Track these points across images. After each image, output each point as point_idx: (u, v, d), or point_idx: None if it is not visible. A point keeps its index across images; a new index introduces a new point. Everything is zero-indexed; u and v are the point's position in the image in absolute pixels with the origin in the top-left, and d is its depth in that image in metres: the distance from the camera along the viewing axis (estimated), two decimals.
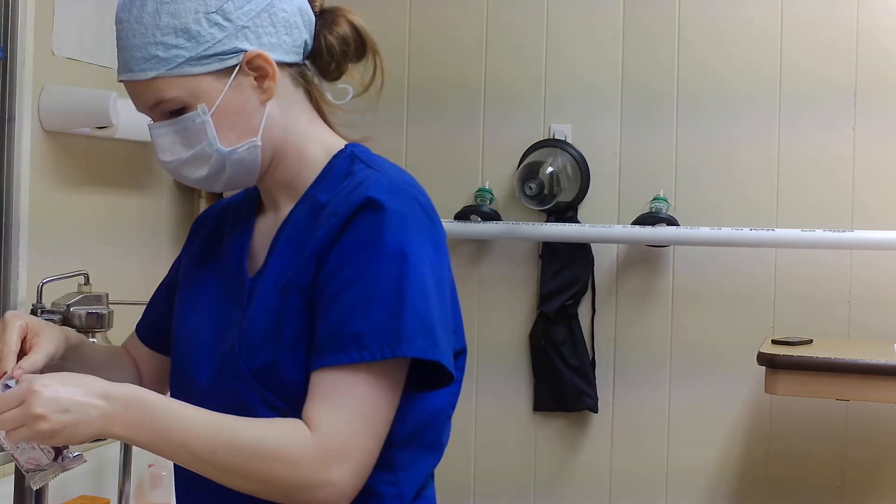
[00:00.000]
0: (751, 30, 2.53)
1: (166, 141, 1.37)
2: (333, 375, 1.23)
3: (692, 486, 2.57)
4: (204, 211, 1.56)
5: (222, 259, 1.43)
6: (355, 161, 1.38)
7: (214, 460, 1.23)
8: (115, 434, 1.24)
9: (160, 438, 1.23)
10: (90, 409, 1.22)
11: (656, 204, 2.55)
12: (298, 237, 1.34)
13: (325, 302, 1.26)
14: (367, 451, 1.24)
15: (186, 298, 1.46)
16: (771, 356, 2.08)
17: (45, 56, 2.20)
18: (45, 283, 2.08)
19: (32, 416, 1.21)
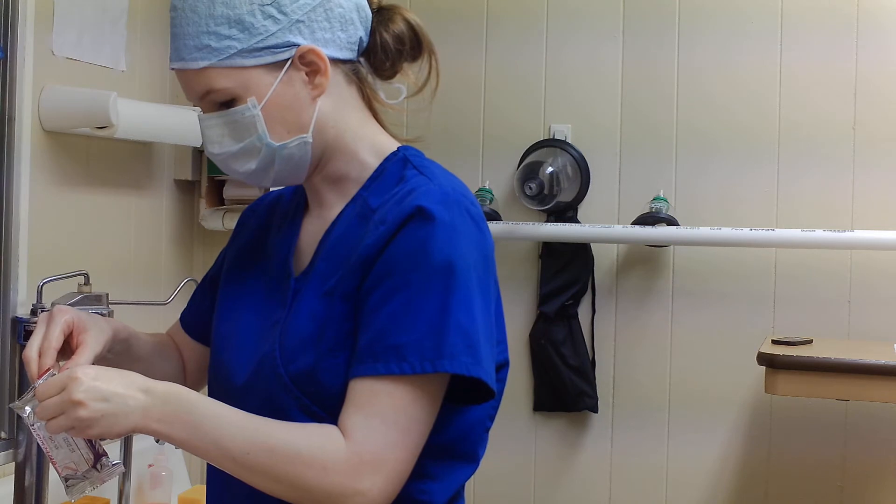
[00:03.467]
0: (751, 25, 2.54)
1: (215, 133, 1.35)
2: (371, 385, 1.23)
3: (692, 486, 2.57)
4: (252, 203, 1.53)
5: (268, 256, 1.42)
6: (407, 165, 1.38)
7: (247, 461, 1.22)
8: (151, 429, 1.24)
9: (195, 436, 1.23)
10: (129, 401, 1.22)
11: (656, 204, 2.55)
12: (347, 241, 1.33)
13: (368, 311, 1.26)
14: (401, 462, 1.23)
15: (230, 294, 1.44)
16: (771, 356, 2.08)
17: (45, 56, 2.21)
18: (45, 283, 2.08)
19: (72, 402, 1.21)
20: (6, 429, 2.07)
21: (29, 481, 2.02)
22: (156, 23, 2.63)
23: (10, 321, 2.06)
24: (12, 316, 2.07)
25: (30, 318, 2.03)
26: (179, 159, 2.73)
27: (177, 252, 2.76)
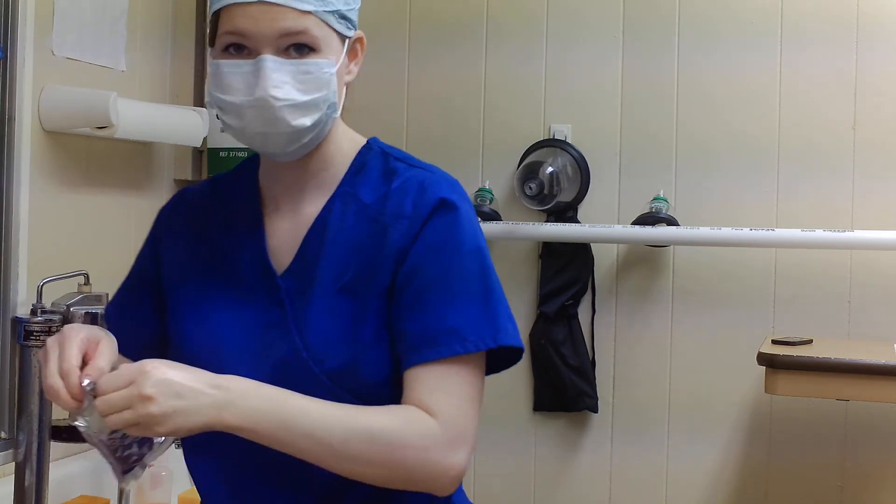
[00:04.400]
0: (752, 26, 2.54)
1: (284, 78, 1.27)
2: (439, 367, 1.27)
3: (692, 486, 2.57)
4: (168, 206, 1.46)
5: (226, 257, 1.38)
6: (389, 158, 1.38)
7: (347, 449, 1.23)
8: (226, 424, 1.20)
9: (284, 428, 1.22)
10: (202, 397, 1.19)
11: (656, 204, 2.55)
12: (349, 238, 1.33)
13: (409, 302, 1.28)
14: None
15: (195, 301, 1.38)
16: (771, 356, 2.08)
17: (45, 56, 2.21)
18: (45, 283, 2.08)
19: (141, 396, 1.16)
20: (6, 429, 2.07)
21: (29, 481, 2.02)
22: (156, 23, 2.63)
23: (10, 321, 2.06)
24: (12, 316, 2.07)
25: (30, 317, 2.03)
26: (179, 159, 2.73)
27: None
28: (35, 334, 2.02)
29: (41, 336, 2.02)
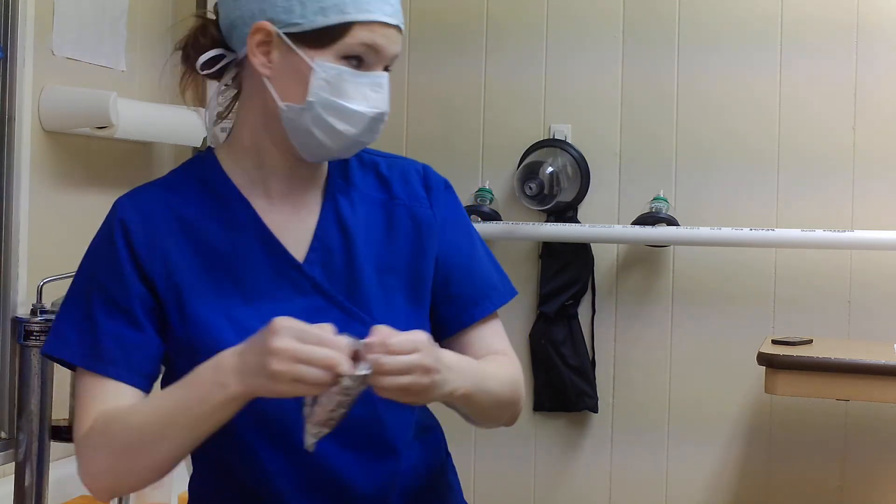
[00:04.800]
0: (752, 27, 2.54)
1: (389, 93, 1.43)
2: (492, 319, 1.48)
3: (692, 486, 2.57)
4: (126, 221, 1.40)
5: (235, 256, 1.39)
6: (360, 153, 1.49)
7: (504, 399, 1.42)
8: (461, 393, 1.31)
9: (481, 390, 1.36)
10: (447, 373, 1.28)
11: (656, 204, 2.55)
12: (368, 223, 1.45)
13: (454, 268, 1.47)
14: None
15: (211, 307, 1.37)
16: (771, 356, 2.08)
17: (45, 56, 2.21)
18: (45, 283, 2.08)
19: (424, 367, 1.23)
20: (6, 429, 2.07)
21: (29, 481, 2.02)
22: (156, 23, 2.63)
23: (10, 321, 2.06)
24: (12, 316, 2.07)
25: (30, 317, 2.03)
26: (179, 159, 2.73)
27: None
28: (35, 334, 2.02)
29: (41, 336, 2.02)
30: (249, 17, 1.40)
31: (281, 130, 1.41)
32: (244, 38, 1.41)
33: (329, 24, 1.38)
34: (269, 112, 1.41)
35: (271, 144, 1.43)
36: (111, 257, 1.38)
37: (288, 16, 1.38)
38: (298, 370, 1.20)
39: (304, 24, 1.38)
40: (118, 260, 1.37)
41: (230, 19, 1.44)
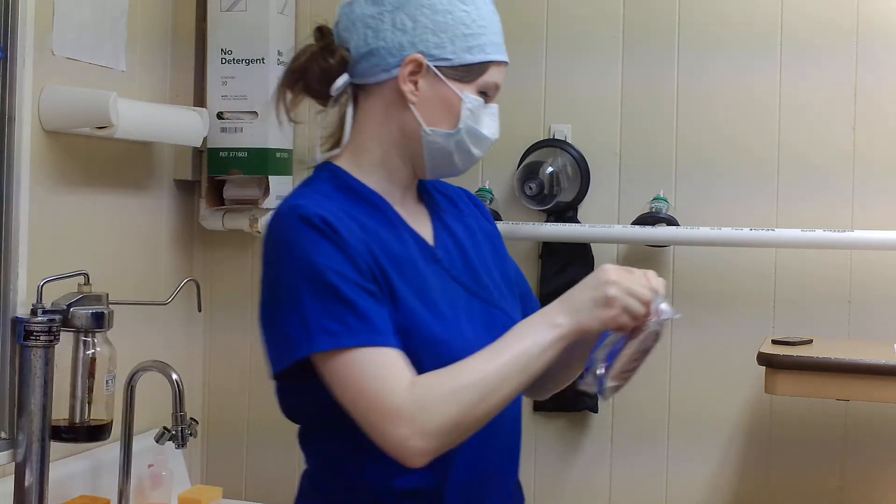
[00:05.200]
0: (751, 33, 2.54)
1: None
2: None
3: (692, 485, 2.57)
4: (322, 212, 1.49)
5: (407, 258, 1.54)
6: None
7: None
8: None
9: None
10: None
11: (656, 204, 2.55)
12: (462, 225, 1.69)
13: (514, 270, 1.75)
14: None
15: (406, 293, 1.50)
16: (771, 356, 2.08)
17: (45, 56, 2.21)
18: (45, 283, 2.08)
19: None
20: (6, 429, 2.07)
21: (29, 481, 2.02)
22: (156, 23, 2.64)
23: (10, 321, 2.06)
24: (12, 316, 2.07)
25: (30, 317, 2.03)
26: (179, 159, 2.73)
27: (177, 252, 2.76)
28: (35, 334, 2.02)
29: (41, 336, 2.02)
30: (397, 49, 1.58)
31: (416, 150, 1.60)
32: (383, 66, 1.59)
33: (474, 61, 1.59)
34: (406, 133, 1.59)
35: (399, 160, 1.60)
36: (333, 245, 1.46)
37: (439, 51, 1.57)
38: (627, 300, 1.45)
39: (453, 60, 1.58)
40: (340, 246, 1.47)
41: (367, 48, 1.60)
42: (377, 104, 1.61)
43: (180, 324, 2.76)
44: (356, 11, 1.63)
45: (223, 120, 2.66)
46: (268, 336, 1.49)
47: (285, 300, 1.45)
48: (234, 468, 2.86)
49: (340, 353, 1.42)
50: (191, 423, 2.27)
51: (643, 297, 1.47)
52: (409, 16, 1.58)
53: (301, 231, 1.46)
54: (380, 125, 1.61)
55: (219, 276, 2.87)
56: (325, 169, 1.62)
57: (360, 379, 1.41)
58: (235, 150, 2.65)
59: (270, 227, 1.50)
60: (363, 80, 1.62)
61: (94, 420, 2.13)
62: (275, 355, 1.47)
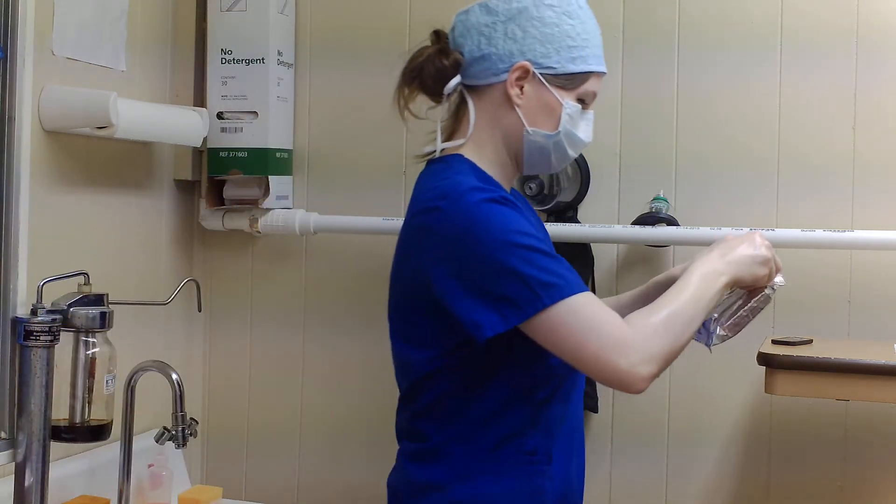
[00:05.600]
0: (752, 27, 2.53)
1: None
2: None
3: (692, 485, 2.57)
4: (501, 191, 1.72)
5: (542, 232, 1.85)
6: None
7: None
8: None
9: None
10: None
11: (656, 204, 2.55)
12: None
13: None
14: None
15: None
16: (771, 356, 2.08)
17: (45, 56, 2.21)
18: (45, 283, 2.08)
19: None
20: (6, 429, 2.07)
21: (29, 481, 2.02)
22: (156, 23, 2.64)
23: (10, 321, 2.06)
24: (12, 316, 2.07)
25: (30, 317, 2.03)
26: (179, 159, 2.73)
27: (177, 252, 2.76)
28: (35, 334, 2.02)
29: (41, 336, 2.02)
30: (507, 56, 1.77)
31: (518, 147, 1.80)
32: (493, 71, 1.78)
33: (577, 71, 1.79)
34: (510, 132, 1.79)
35: (507, 157, 1.82)
36: (518, 214, 1.67)
37: (545, 60, 1.77)
38: (773, 263, 1.82)
39: (557, 69, 1.77)
40: (523, 215, 1.69)
41: (480, 53, 1.80)
42: (487, 105, 1.80)
43: (180, 324, 2.76)
44: (471, 20, 1.82)
45: (223, 120, 2.66)
46: (472, 306, 1.62)
47: (493, 269, 1.60)
48: (234, 468, 2.86)
49: (564, 303, 1.59)
50: (191, 423, 2.27)
51: (778, 264, 1.82)
52: (519, 26, 1.77)
53: (488, 205, 1.64)
54: (491, 124, 1.80)
55: (219, 276, 2.87)
56: (459, 160, 1.79)
57: (586, 321, 1.59)
58: (235, 150, 2.65)
59: (448, 209, 1.65)
60: (474, 82, 1.81)
61: (94, 420, 2.13)
62: (490, 320, 1.61)
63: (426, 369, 1.76)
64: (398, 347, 1.84)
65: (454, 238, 1.64)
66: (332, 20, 2.79)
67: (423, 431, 1.78)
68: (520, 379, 1.74)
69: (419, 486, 1.77)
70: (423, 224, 1.71)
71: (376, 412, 2.74)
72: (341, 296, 2.78)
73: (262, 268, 2.84)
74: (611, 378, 1.60)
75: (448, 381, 1.75)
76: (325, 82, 2.78)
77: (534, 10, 1.79)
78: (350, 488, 2.76)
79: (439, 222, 1.67)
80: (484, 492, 1.74)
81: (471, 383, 1.74)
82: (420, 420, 1.79)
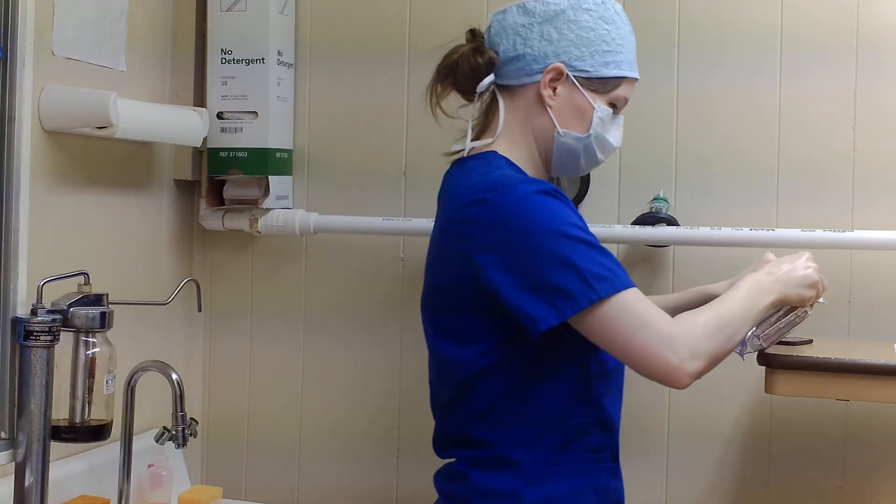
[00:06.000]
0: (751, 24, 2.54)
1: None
2: None
3: (692, 486, 2.57)
4: (550, 184, 1.75)
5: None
6: None
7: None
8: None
9: None
10: None
11: (656, 204, 2.55)
12: None
13: None
14: None
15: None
16: (770, 356, 2.08)
17: (45, 56, 2.21)
18: (45, 283, 2.08)
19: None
20: (6, 429, 2.07)
21: (29, 481, 2.02)
22: (156, 23, 2.63)
23: (10, 321, 2.06)
24: (12, 316, 2.07)
25: (30, 317, 2.03)
26: (179, 159, 2.73)
27: (177, 252, 2.76)
28: (35, 334, 2.02)
29: (41, 336, 2.02)
30: (542, 57, 1.80)
31: (548, 149, 1.84)
32: (527, 71, 1.81)
33: (610, 75, 1.81)
34: (541, 133, 1.82)
35: (538, 156, 1.85)
36: (568, 207, 1.71)
37: (580, 63, 1.79)
38: (820, 286, 1.87)
39: (591, 72, 1.80)
40: (572, 209, 1.72)
41: (515, 53, 1.82)
42: (519, 105, 1.83)
43: (180, 324, 2.76)
44: (508, 20, 1.84)
45: (223, 120, 2.66)
46: (525, 298, 1.63)
47: (548, 260, 1.62)
48: (234, 468, 2.86)
49: (617, 297, 1.62)
50: (191, 423, 2.27)
51: (824, 285, 1.88)
52: (556, 28, 1.78)
53: (541, 197, 1.67)
54: (523, 123, 1.83)
55: (219, 276, 2.87)
56: (496, 156, 1.82)
57: (637, 315, 1.62)
58: (235, 150, 2.65)
59: (498, 200, 1.67)
60: (507, 82, 1.84)
61: (94, 420, 2.13)
62: (544, 313, 1.61)
63: (476, 367, 1.73)
64: (441, 347, 1.80)
65: (505, 229, 1.64)
66: (332, 20, 2.78)
67: (483, 438, 1.75)
68: (577, 375, 1.75)
69: (489, 492, 1.75)
70: (470, 216, 1.69)
71: (377, 411, 2.75)
72: (341, 295, 2.78)
73: (262, 268, 2.84)
74: (658, 371, 1.61)
75: (502, 379, 1.73)
76: (325, 82, 2.78)
77: (571, 13, 1.80)
78: (350, 488, 2.76)
79: (488, 214, 1.66)
80: (557, 494, 1.74)
81: (526, 381, 1.72)
82: (476, 424, 1.76)
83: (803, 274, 1.84)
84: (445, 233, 1.78)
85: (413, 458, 2.70)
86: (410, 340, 2.72)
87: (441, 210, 1.87)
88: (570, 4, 1.81)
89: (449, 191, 1.83)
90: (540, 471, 1.74)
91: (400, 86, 2.71)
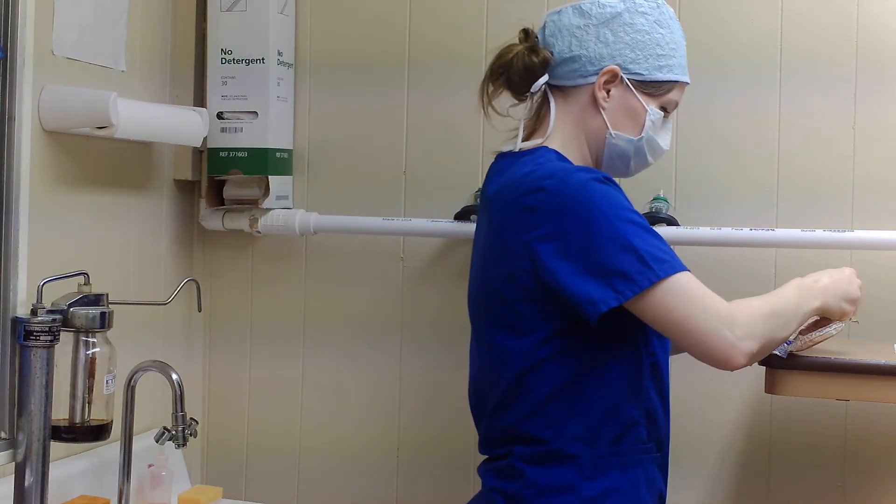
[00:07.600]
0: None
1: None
2: None
3: (692, 486, 2.57)
4: (604, 173, 1.77)
5: None
6: None
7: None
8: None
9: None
10: None
11: (656, 204, 2.55)
12: None
13: None
14: None
15: None
16: (771, 356, 2.08)
17: (45, 56, 2.21)
18: (45, 283, 2.08)
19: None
20: (6, 429, 2.07)
21: (29, 481, 2.02)
22: (156, 23, 2.63)
23: (10, 321, 2.06)
24: (12, 316, 2.07)
25: (30, 317, 2.03)
26: (179, 159, 2.73)
27: (177, 252, 2.76)
28: (35, 334, 2.02)
29: (41, 336, 2.02)
30: (597, 59, 1.82)
31: (599, 150, 1.86)
32: (582, 73, 1.83)
33: (664, 79, 1.85)
34: (593, 135, 1.85)
35: (589, 157, 1.88)
36: (623, 195, 1.74)
37: (634, 66, 1.82)
38: (858, 303, 1.88)
39: (645, 76, 1.83)
40: (626, 197, 1.75)
41: (570, 54, 1.83)
42: (573, 105, 1.85)
43: (180, 324, 2.76)
44: (563, 21, 1.85)
45: (223, 120, 2.66)
46: (584, 282, 1.65)
47: (607, 243, 1.64)
48: (234, 468, 2.86)
49: (674, 278, 1.66)
50: (191, 422, 2.27)
51: (858, 302, 1.89)
52: (611, 31, 1.81)
53: (598, 184, 1.69)
54: (575, 124, 1.85)
55: (219, 276, 2.87)
56: (548, 150, 1.84)
57: (694, 296, 1.67)
58: (235, 150, 2.65)
59: (555, 188, 1.69)
60: (560, 83, 1.86)
61: (94, 420, 2.13)
62: (603, 294, 1.64)
63: (532, 359, 1.74)
64: (497, 339, 1.80)
65: (564, 215, 1.66)
66: (332, 20, 2.78)
67: (540, 434, 1.77)
68: (630, 367, 1.78)
69: (547, 487, 1.76)
70: (529, 205, 1.71)
71: (377, 412, 2.75)
72: (341, 296, 2.78)
73: (262, 268, 2.84)
74: (716, 350, 1.65)
75: (557, 373, 1.74)
76: (325, 82, 2.78)
77: (627, 16, 1.82)
78: (350, 488, 2.76)
79: (546, 201, 1.68)
80: (613, 486, 1.77)
81: (583, 374, 1.74)
82: (531, 421, 1.77)
83: (847, 289, 1.86)
84: (502, 224, 1.78)
85: (413, 459, 2.70)
86: (410, 340, 2.72)
87: (490, 203, 1.87)
88: (626, 7, 1.83)
89: (502, 184, 1.83)
90: (597, 464, 1.76)
91: (400, 86, 2.71)
